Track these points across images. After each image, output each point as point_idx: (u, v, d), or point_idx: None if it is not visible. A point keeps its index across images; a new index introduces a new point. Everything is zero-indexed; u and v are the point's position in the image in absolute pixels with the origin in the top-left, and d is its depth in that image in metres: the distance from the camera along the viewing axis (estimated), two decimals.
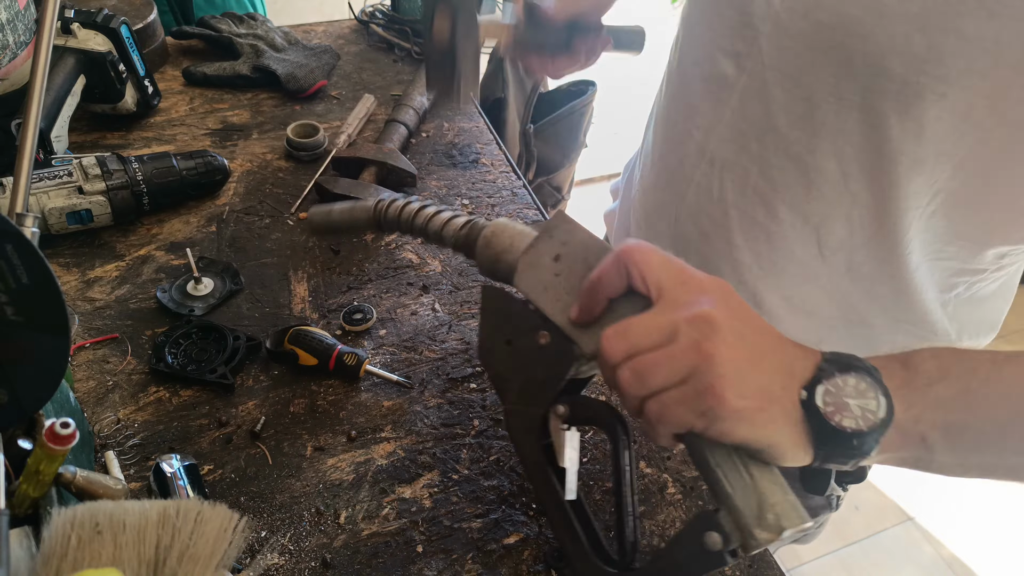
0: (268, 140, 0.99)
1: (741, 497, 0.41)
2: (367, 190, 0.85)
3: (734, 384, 0.40)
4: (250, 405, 0.66)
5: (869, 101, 0.56)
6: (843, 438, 0.40)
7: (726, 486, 0.41)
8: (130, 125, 0.99)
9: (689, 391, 0.41)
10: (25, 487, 0.43)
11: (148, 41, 1.08)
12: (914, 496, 1.97)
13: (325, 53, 1.16)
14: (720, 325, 0.41)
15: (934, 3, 0.50)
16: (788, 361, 0.42)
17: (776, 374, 0.41)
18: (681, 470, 0.64)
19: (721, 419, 0.40)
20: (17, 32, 0.79)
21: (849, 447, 0.40)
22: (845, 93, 0.58)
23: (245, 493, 0.59)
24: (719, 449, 0.42)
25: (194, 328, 0.70)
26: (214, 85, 1.09)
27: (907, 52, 0.52)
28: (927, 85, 0.52)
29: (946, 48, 0.50)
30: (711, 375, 0.40)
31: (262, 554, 0.55)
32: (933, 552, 1.86)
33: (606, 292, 0.46)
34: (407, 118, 1.00)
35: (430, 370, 0.70)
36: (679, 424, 0.42)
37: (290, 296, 0.77)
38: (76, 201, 0.77)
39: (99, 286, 0.76)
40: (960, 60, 0.50)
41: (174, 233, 0.83)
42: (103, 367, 0.68)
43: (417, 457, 0.63)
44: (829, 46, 0.57)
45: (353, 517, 0.58)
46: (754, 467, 0.42)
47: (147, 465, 0.60)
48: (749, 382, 0.40)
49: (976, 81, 0.51)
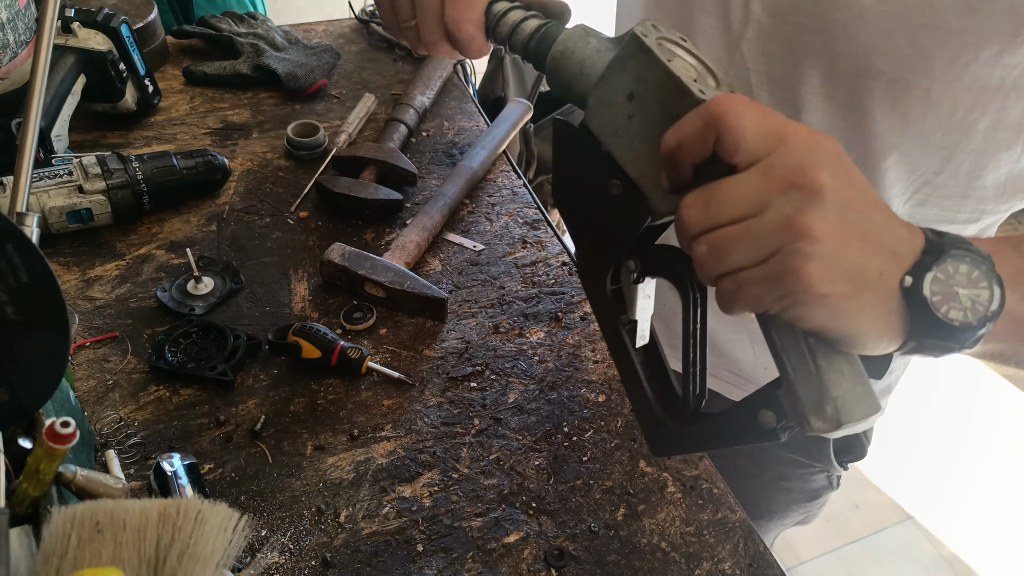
0: (268, 139, 0.99)
1: (802, 384, 0.37)
2: (367, 189, 0.85)
3: (825, 268, 0.35)
4: (250, 404, 0.66)
5: (856, 99, 0.57)
6: (948, 331, 0.36)
7: (789, 371, 0.38)
8: (130, 124, 0.99)
9: (770, 271, 0.36)
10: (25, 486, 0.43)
11: (148, 40, 1.08)
12: (914, 495, 1.97)
13: (325, 52, 1.16)
14: (823, 195, 0.35)
15: (915, 1, 0.50)
16: (893, 242, 0.37)
17: (877, 256, 0.36)
18: (681, 469, 0.64)
19: (800, 304, 0.35)
20: (17, 31, 0.79)
21: (952, 340, 0.36)
22: (831, 92, 0.58)
23: (245, 492, 0.59)
24: (787, 331, 0.38)
25: (194, 327, 0.70)
26: (214, 84, 1.09)
27: (891, 50, 0.53)
28: (912, 81, 0.53)
29: (929, 44, 0.51)
30: (799, 256, 0.34)
31: (262, 553, 0.55)
32: (933, 551, 1.86)
33: (690, 159, 0.39)
34: (407, 117, 1.00)
35: (430, 369, 0.71)
36: (753, 305, 0.37)
37: (290, 295, 0.77)
38: (76, 200, 0.77)
39: (99, 285, 0.76)
40: (944, 54, 0.51)
41: (174, 232, 0.83)
42: (103, 366, 0.68)
43: (417, 456, 0.63)
44: (813, 49, 0.57)
45: (353, 516, 0.58)
46: (824, 354, 0.38)
47: (147, 464, 0.60)
48: (844, 265, 0.35)
49: (960, 74, 0.51)
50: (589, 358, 0.73)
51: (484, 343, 0.73)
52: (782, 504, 0.91)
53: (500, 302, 0.78)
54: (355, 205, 0.85)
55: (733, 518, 0.61)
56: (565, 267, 0.83)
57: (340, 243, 0.78)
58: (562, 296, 0.79)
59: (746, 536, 0.59)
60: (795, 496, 0.90)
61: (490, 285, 0.80)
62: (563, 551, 0.57)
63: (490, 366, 0.71)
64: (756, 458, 0.86)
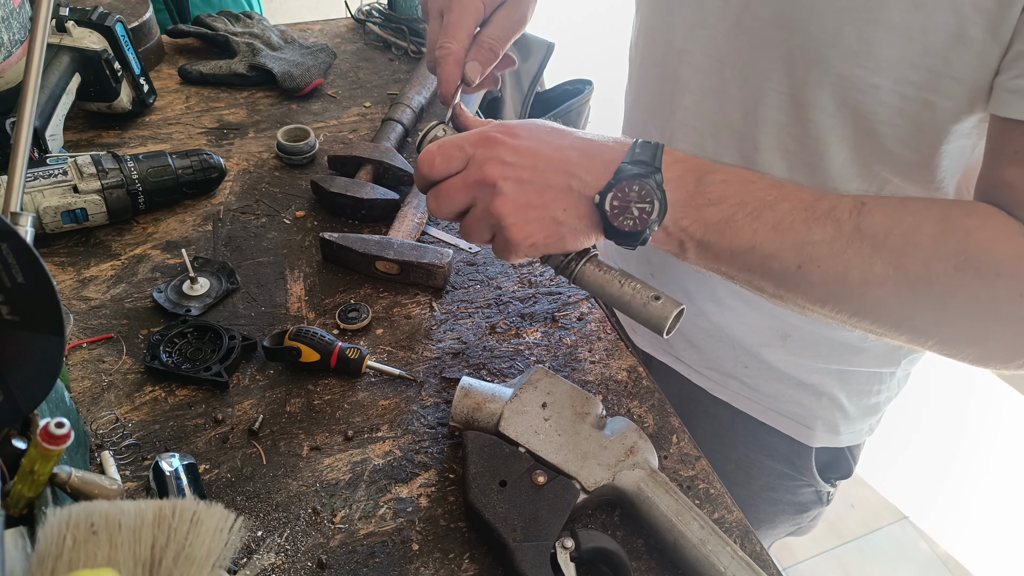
0: (264, 139, 0.99)
1: None
2: (363, 188, 0.85)
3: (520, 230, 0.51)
4: (246, 405, 0.66)
5: (810, 94, 0.57)
6: (623, 234, 0.50)
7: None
8: (126, 124, 0.99)
9: (495, 245, 0.54)
10: (20, 487, 0.43)
11: (144, 39, 1.07)
12: (909, 495, 1.98)
13: (322, 52, 1.16)
14: (497, 185, 0.51)
15: None
16: (577, 179, 0.51)
17: (557, 200, 0.51)
18: (678, 469, 0.64)
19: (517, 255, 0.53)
20: (12, 30, 0.79)
21: (627, 238, 0.50)
22: (786, 88, 0.58)
23: (241, 493, 0.59)
24: None
25: (189, 327, 0.70)
26: (210, 84, 1.09)
27: (840, 45, 0.53)
28: (861, 77, 0.53)
29: (876, 39, 0.51)
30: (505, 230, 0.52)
31: (258, 554, 0.55)
32: (928, 550, 1.87)
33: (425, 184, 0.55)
34: (403, 117, 1.00)
35: (427, 369, 0.70)
36: (482, 239, 0.54)
37: (286, 295, 0.77)
38: (71, 200, 0.77)
39: (94, 285, 0.75)
40: (891, 50, 0.51)
41: (170, 232, 0.83)
42: (98, 367, 0.67)
43: (414, 457, 0.63)
44: (773, 42, 0.58)
45: (350, 517, 0.58)
46: None
47: (143, 465, 0.60)
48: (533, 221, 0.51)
49: (907, 71, 0.51)
50: (586, 358, 0.73)
51: (481, 343, 0.73)
52: (770, 514, 0.91)
53: (497, 302, 0.78)
54: (351, 205, 0.85)
55: (730, 518, 0.61)
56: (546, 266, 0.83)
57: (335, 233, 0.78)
58: (559, 296, 0.79)
59: (743, 536, 0.60)
60: (783, 508, 0.90)
61: (487, 285, 0.80)
62: None
63: (487, 366, 0.71)
64: (743, 467, 0.86)
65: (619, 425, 0.60)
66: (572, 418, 0.59)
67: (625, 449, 0.58)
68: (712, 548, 0.53)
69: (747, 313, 0.75)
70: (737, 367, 0.80)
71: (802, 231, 0.49)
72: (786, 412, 0.81)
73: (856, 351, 0.74)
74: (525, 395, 0.60)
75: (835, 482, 0.88)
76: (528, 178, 0.51)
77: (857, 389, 0.78)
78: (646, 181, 0.49)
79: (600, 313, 0.78)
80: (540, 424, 0.59)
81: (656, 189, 0.49)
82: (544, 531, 0.53)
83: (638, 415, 0.68)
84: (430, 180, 0.54)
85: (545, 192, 0.51)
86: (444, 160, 0.53)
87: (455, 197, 0.53)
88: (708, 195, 0.50)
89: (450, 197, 0.53)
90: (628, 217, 0.49)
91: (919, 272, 0.47)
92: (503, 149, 0.51)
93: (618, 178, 0.49)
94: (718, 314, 0.77)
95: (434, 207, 0.54)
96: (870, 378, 0.78)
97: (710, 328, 0.78)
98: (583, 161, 0.51)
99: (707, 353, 0.81)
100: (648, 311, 0.53)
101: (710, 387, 0.84)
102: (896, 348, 0.74)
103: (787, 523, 0.93)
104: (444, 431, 0.65)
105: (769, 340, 0.76)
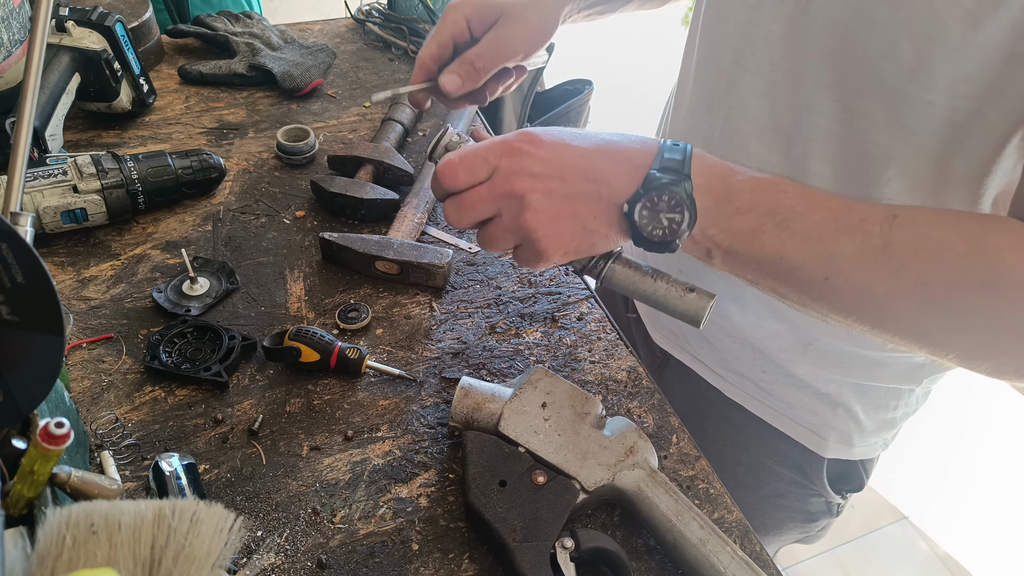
0: (264, 139, 0.99)
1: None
2: (363, 188, 0.85)
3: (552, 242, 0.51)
4: (246, 405, 0.66)
5: (862, 106, 0.57)
6: (652, 243, 0.50)
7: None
8: (125, 124, 0.99)
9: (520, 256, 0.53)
10: (19, 487, 0.43)
11: (143, 39, 1.07)
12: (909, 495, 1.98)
13: (321, 52, 1.16)
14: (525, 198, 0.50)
15: (920, 12, 0.50)
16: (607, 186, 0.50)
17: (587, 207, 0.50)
18: (678, 469, 0.64)
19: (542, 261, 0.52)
20: (11, 30, 0.79)
21: (656, 247, 0.50)
22: (840, 96, 0.58)
23: (241, 493, 0.59)
24: None
25: (189, 327, 0.70)
26: (210, 84, 1.09)
27: (896, 59, 0.52)
28: (916, 94, 0.52)
29: (933, 57, 0.50)
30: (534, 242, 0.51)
31: (258, 554, 0.55)
32: (928, 550, 1.87)
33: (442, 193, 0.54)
34: (404, 117, 1.00)
35: (426, 369, 0.70)
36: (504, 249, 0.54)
37: (286, 295, 0.77)
38: (71, 200, 0.77)
39: (94, 285, 0.75)
40: (947, 67, 0.50)
41: (170, 232, 0.83)
42: (98, 367, 0.67)
43: (414, 456, 0.63)
44: (827, 50, 0.57)
45: (349, 517, 0.58)
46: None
47: (143, 465, 0.60)
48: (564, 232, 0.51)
49: (962, 86, 0.51)
50: (586, 358, 0.73)
51: (480, 343, 0.73)
52: (779, 520, 0.91)
53: (496, 302, 0.78)
54: (351, 205, 0.85)
55: (730, 518, 0.61)
56: (561, 267, 0.83)
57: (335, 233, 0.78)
58: (558, 296, 0.79)
59: (743, 536, 0.60)
60: (791, 515, 0.89)
61: (486, 285, 0.80)
62: None
63: (487, 366, 0.71)
64: (753, 471, 0.86)
65: (619, 425, 0.60)
66: (572, 418, 0.59)
67: (625, 449, 0.58)
68: (712, 548, 0.53)
69: (770, 319, 0.74)
70: (754, 370, 0.79)
71: (830, 243, 0.48)
72: (800, 419, 0.80)
73: (878, 366, 0.73)
74: (525, 395, 0.60)
75: (846, 494, 0.87)
76: (557, 189, 0.50)
77: (875, 403, 0.77)
78: (676, 190, 0.48)
79: (600, 313, 0.78)
80: (540, 424, 0.59)
81: (686, 198, 0.48)
82: (544, 531, 0.54)
83: (638, 415, 0.68)
84: (451, 191, 0.53)
85: (574, 201, 0.50)
86: (468, 172, 0.52)
87: (479, 208, 0.52)
88: (737, 204, 0.49)
89: (474, 208, 0.52)
90: (658, 227, 0.49)
91: (945, 289, 0.47)
92: (529, 160, 0.50)
93: (647, 187, 0.49)
94: (741, 316, 0.76)
95: (454, 217, 0.53)
96: (889, 393, 0.77)
97: (731, 329, 0.78)
98: (611, 167, 0.50)
99: (725, 354, 0.80)
100: (684, 304, 0.53)
101: (725, 388, 0.83)
102: (919, 366, 0.73)
103: (795, 531, 0.93)
104: (444, 431, 0.65)
105: (790, 348, 0.75)
